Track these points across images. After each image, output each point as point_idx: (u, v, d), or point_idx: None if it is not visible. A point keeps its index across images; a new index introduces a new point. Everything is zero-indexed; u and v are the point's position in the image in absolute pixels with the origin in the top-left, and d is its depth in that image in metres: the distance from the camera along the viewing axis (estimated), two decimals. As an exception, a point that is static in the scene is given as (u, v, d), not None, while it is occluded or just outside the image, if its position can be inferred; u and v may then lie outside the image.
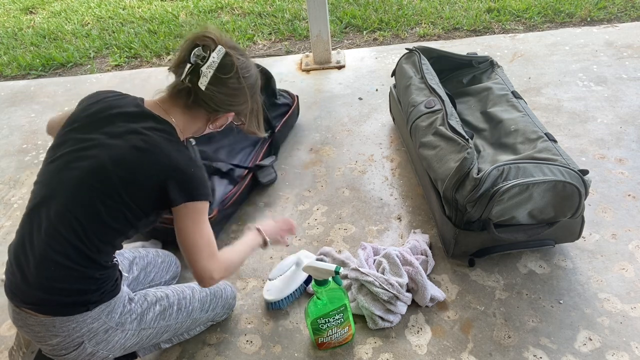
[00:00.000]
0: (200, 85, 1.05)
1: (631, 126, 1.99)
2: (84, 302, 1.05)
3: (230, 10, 3.43)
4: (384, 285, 1.35)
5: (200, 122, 1.17)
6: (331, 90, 2.44)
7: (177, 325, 1.25)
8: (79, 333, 1.07)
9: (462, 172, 1.34)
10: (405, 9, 3.12)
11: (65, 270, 1.03)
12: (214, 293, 1.33)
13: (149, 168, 1.04)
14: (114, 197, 1.03)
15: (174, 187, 1.05)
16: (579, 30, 2.70)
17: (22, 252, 1.04)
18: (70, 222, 1.02)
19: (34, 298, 1.04)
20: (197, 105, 1.11)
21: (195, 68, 1.05)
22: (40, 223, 1.03)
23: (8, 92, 2.79)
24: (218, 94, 1.09)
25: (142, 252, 1.40)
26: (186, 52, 1.06)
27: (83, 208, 1.02)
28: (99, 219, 1.03)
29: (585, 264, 1.48)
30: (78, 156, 1.05)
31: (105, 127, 1.07)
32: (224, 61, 1.06)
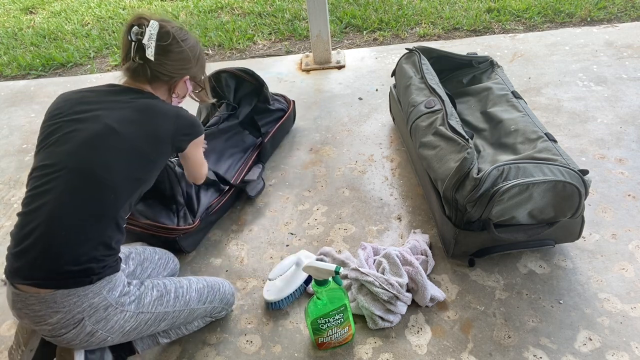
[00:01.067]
0: (149, 56, 1.18)
1: (631, 126, 1.99)
2: (87, 273, 1.07)
3: (230, 10, 3.43)
4: (384, 285, 1.35)
5: (165, 95, 1.30)
6: (331, 90, 2.44)
7: (174, 314, 1.24)
8: (80, 308, 1.07)
9: (462, 172, 1.34)
10: (405, 9, 3.12)
11: (75, 235, 1.06)
12: (211, 286, 1.34)
13: (159, 120, 1.19)
14: (132, 150, 1.14)
15: (181, 133, 1.23)
16: (579, 30, 2.70)
17: (26, 227, 1.06)
18: (84, 180, 1.08)
19: (37, 270, 1.05)
20: (155, 79, 1.25)
21: (139, 44, 1.18)
22: (47, 193, 1.06)
23: (8, 92, 2.79)
24: (167, 61, 1.23)
25: (139, 248, 1.41)
26: (127, 38, 1.20)
27: (96, 165, 1.09)
28: (115, 172, 1.11)
29: (585, 264, 1.48)
30: (78, 130, 1.12)
31: (96, 104, 1.17)
32: (161, 32, 1.20)
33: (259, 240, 1.68)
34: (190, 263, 1.63)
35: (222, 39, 3.05)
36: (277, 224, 1.74)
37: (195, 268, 1.61)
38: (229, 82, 1.98)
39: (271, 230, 1.72)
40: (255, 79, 1.97)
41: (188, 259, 1.65)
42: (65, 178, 1.07)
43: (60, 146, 1.11)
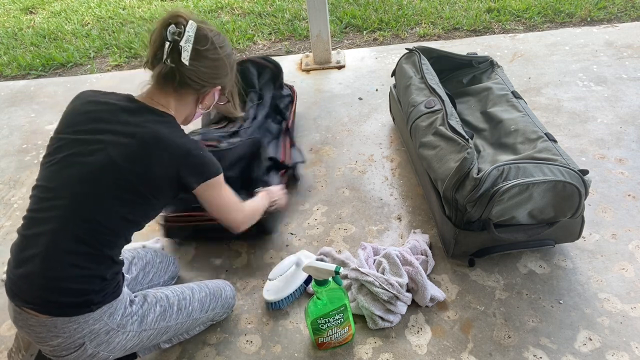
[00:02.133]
0: (184, 60, 1.07)
1: (631, 126, 1.99)
2: (87, 303, 1.05)
3: (230, 10, 3.43)
4: (384, 285, 1.35)
5: (190, 105, 1.20)
6: (331, 90, 2.44)
7: (177, 326, 1.25)
8: (81, 334, 1.07)
9: (462, 172, 1.34)
10: (405, 9, 3.12)
11: (72, 269, 1.03)
12: (213, 293, 1.33)
13: (163, 159, 1.07)
14: (129, 191, 1.06)
15: (188, 173, 1.11)
16: (579, 30, 2.70)
17: (26, 252, 1.05)
18: (81, 218, 1.03)
19: (36, 298, 1.04)
20: (185, 86, 1.14)
21: (174, 45, 1.07)
22: (47, 222, 1.03)
23: (8, 92, 2.79)
24: (201, 67, 1.12)
25: (141, 252, 1.41)
26: (160, 36, 1.08)
27: (94, 204, 1.04)
28: (113, 213, 1.06)
29: (585, 264, 1.48)
30: (82, 154, 1.06)
31: (106, 124, 1.08)
32: (199, 34, 1.09)
33: (259, 240, 1.68)
34: (191, 263, 1.63)
35: (222, 39, 3.05)
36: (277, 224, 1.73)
37: (196, 268, 1.61)
38: (252, 70, 1.98)
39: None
40: (274, 65, 1.99)
41: (188, 258, 1.65)
42: (63, 213, 1.04)
43: (62, 169, 1.07)
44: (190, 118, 1.25)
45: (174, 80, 1.11)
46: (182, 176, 1.10)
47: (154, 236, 1.74)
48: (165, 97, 1.15)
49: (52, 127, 2.44)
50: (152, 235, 1.75)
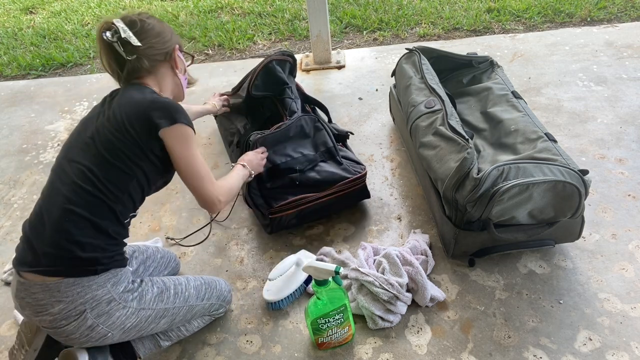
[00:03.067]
0: (136, 43, 1.20)
1: (631, 126, 1.99)
2: (93, 263, 1.10)
3: (230, 10, 3.43)
4: (384, 285, 1.35)
5: (169, 74, 1.31)
6: (331, 90, 2.44)
7: (174, 310, 1.25)
8: (83, 299, 1.09)
9: (462, 172, 1.34)
10: (405, 9, 3.12)
11: (82, 222, 1.10)
12: (208, 283, 1.35)
13: (133, 108, 1.18)
14: (115, 145, 1.15)
15: (157, 115, 1.17)
16: (579, 30, 2.70)
17: (39, 217, 1.13)
18: (85, 175, 1.13)
19: (45, 258, 1.08)
20: (154, 62, 1.26)
21: (121, 41, 1.20)
22: (61, 182, 1.14)
23: (8, 92, 2.79)
24: (151, 39, 1.24)
25: (141, 247, 1.44)
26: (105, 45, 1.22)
27: (95, 161, 1.14)
28: (110, 165, 1.14)
29: (585, 264, 1.48)
30: (81, 137, 1.20)
31: (98, 112, 1.23)
32: (127, 22, 1.22)
33: (259, 240, 1.68)
34: (191, 263, 1.63)
35: (222, 39, 3.05)
36: (277, 224, 1.73)
37: (196, 268, 1.61)
38: (277, 68, 1.94)
39: (271, 230, 1.71)
40: (291, 57, 1.98)
41: (188, 258, 1.65)
42: (68, 178, 1.14)
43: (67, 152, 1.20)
44: (181, 89, 1.36)
45: (143, 65, 1.23)
46: (151, 118, 1.17)
47: (154, 236, 1.75)
48: (143, 81, 1.27)
49: (52, 127, 2.44)
50: (152, 235, 1.75)
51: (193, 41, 3.10)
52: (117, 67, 1.24)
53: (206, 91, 2.54)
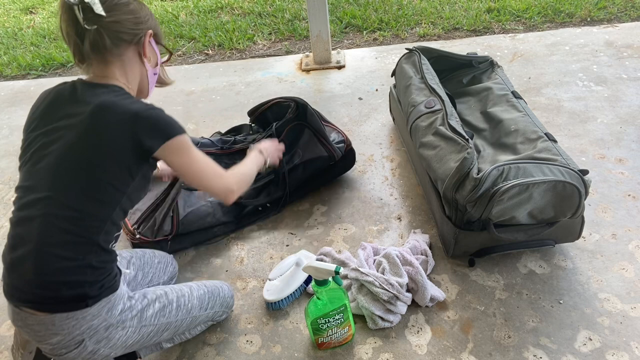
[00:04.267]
0: (99, 11, 1.02)
1: (631, 126, 1.99)
2: (83, 297, 1.04)
3: (230, 10, 3.43)
4: (384, 285, 1.35)
5: (135, 62, 1.15)
6: (331, 90, 2.44)
7: (177, 323, 1.24)
8: (79, 331, 1.06)
9: (462, 172, 1.34)
10: (405, 9, 3.12)
11: (62, 261, 1.02)
12: (211, 291, 1.33)
13: (113, 126, 1.03)
14: (93, 170, 1.03)
15: (145, 136, 1.04)
16: (579, 30, 2.70)
17: (16, 252, 1.04)
18: (59, 208, 1.02)
19: (32, 296, 1.04)
20: (118, 42, 1.08)
21: (82, 5, 1.01)
22: (31, 219, 1.03)
23: (8, 92, 2.79)
24: (121, 15, 1.07)
25: (138, 252, 1.41)
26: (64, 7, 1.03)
27: (66, 191, 1.02)
28: (84, 196, 1.03)
29: (585, 264, 1.48)
30: (46, 146, 1.06)
31: (59, 112, 1.08)
32: None
33: (259, 240, 1.68)
34: (191, 263, 1.63)
35: (222, 39, 3.05)
36: (277, 224, 1.73)
37: (196, 268, 1.61)
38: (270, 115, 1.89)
39: (271, 230, 1.72)
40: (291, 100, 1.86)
41: (188, 259, 1.65)
42: (42, 208, 1.03)
43: (34, 166, 1.07)
44: (146, 82, 1.20)
45: (104, 41, 1.06)
46: (140, 140, 1.04)
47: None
48: (107, 67, 1.11)
49: (52, 127, 2.44)
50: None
51: (193, 41, 3.10)
52: (76, 38, 1.05)
53: (206, 91, 2.54)
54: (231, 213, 1.69)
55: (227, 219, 1.69)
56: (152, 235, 1.58)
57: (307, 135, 1.76)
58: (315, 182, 1.83)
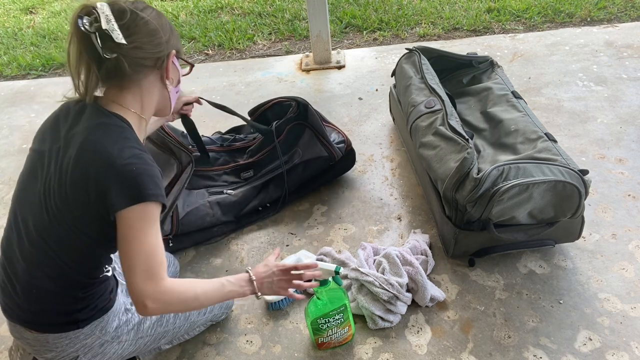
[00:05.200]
0: (119, 40, 0.92)
1: (631, 126, 1.99)
2: (74, 321, 1.04)
3: (230, 10, 3.43)
4: (384, 285, 1.35)
5: (157, 86, 1.05)
6: (331, 90, 2.44)
7: (175, 330, 1.24)
8: (73, 349, 1.06)
9: (462, 172, 1.34)
10: (405, 9, 3.12)
11: (49, 294, 1.01)
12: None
13: (85, 173, 0.93)
14: (62, 215, 0.96)
15: (114, 189, 0.91)
16: (579, 30, 2.70)
17: (8, 275, 1.03)
18: (40, 245, 0.98)
19: (24, 316, 1.04)
20: (139, 68, 0.99)
21: (100, 33, 0.92)
22: (19, 247, 1.01)
23: (8, 92, 2.79)
24: (142, 39, 0.97)
25: None
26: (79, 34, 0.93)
27: (44, 230, 0.97)
28: (59, 239, 0.97)
29: (585, 264, 1.48)
30: (32, 180, 1.01)
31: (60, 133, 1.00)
32: (114, 9, 0.94)
33: (259, 240, 1.68)
34: (191, 263, 1.63)
35: (222, 39, 3.05)
36: (277, 224, 1.73)
37: (196, 268, 1.61)
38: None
39: (271, 230, 1.71)
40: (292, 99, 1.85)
41: (188, 259, 1.65)
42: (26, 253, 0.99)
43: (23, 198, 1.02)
44: (167, 102, 1.09)
45: (124, 69, 0.96)
46: (107, 191, 0.91)
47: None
48: (121, 94, 1.00)
49: (52, 127, 2.44)
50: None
51: (193, 41, 3.10)
52: (92, 62, 0.95)
53: (206, 91, 2.54)
54: (231, 213, 1.69)
55: (227, 218, 1.69)
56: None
57: (307, 135, 1.76)
58: (315, 182, 1.83)
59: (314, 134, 1.76)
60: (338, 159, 1.79)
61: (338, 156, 1.78)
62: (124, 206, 0.90)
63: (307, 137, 1.77)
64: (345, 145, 1.82)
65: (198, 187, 1.70)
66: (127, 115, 1.01)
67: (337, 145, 1.81)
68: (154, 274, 0.92)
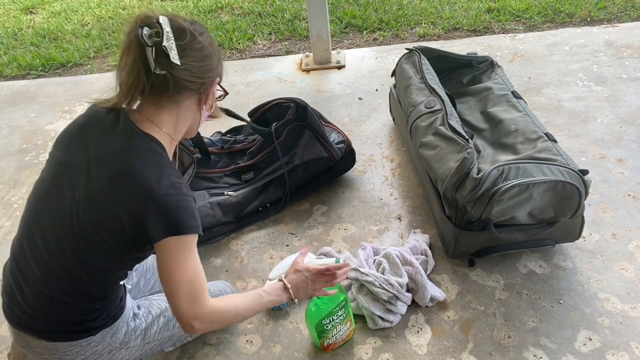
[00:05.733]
0: (174, 60, 0.92)
1: (631, 126, 1.99)
2: (87, 329, 1.04)
3: (230, 10, 3.43)
4: (384, 285, 1.35)
5: (193, 109, 1.04)
6: (331, 90, 2.44)
7: (180, 334, 1.25)
8: (83, 356, 1.06)
9: (462, 172, 1.34)
10: (405, 9, 3.12)
11: (62, 305, 1.01)
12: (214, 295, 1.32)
13: (122, 200, 0.93)
14: (90, 236, 0.96)
15: (152, 221, 0.92)
16: (579, 30, 2.70)
17: (18, 282, 1.02)
18: (58, 258, 0.98)
19: (33, 325, 1.03)
20: (182, 90, 0.98)
21: (158, 49, 0.91)
22: (33, 256, 0.99)
23: (8, 92, 2.79)
24: (193, 63, 0.96)
25: None
26: (135, 43, 0.92)
27: (65, 246, 0.97)
28: (82, 257, 0.97)
29: (585, 264, 1.48)
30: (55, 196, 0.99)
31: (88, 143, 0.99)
32: (175, 28, 0.94)
33: (259, 240, 1.68)
34: (190, 263, 1.63)
35: (222, 39, 3.05)
36: (277, 224, 1.73)
37: (195, 268, 1.61)
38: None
39: (271, 230, 1.71)
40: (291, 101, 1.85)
41: (188, 259, 1.64)
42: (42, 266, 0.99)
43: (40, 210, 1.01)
44: (196, 125, 1.10)
45: (168, 88, 0.96)
46: (146, 224, 0.92)
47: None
48: (158, 111, 1.00)
49: (52, 127, 2.44)
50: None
51: (193, 41, 3.11)
52: (140, 73, 0.94)
53: (206, 91, 2.54)
54: (231, 213, 1.69)
55: (227, 219, 1.69)
56: None
57: (307, 136, 1.76)
58: (316, 183, 1.83)
59: (314, 135, 1.76)
60: (338, 159, 1.79)
61: (338, 156, 1.78)
62: (163, 237, 0.93)
63: (307, 138, 1.77)
64: (345, 146, 1.82)
65: (199, 189, 1.70)
66: (159, 135, 1.00)
67: (337, 145, 1.81)
68: (197, 297, 0.98)
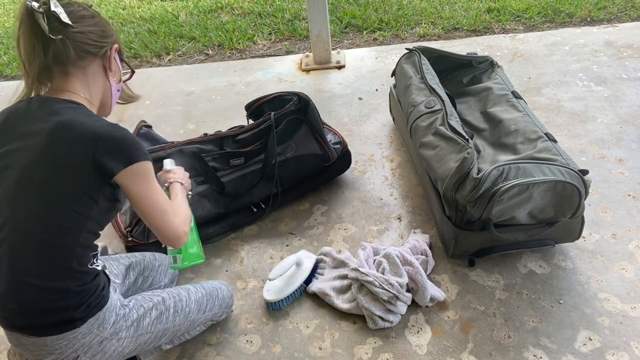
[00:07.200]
0: (65, 20, 0.98)
1: (631, 126, 1.99)
2: (70, 320, 1.03)
3: (230, 10, 3.43)
4: (384, 285, 1.35)
5: (99, 76, 1.10)
6: (331, 90, 2.44)
7: (175, 328, 1.24)
8: (72, 349, 1.06)
9: (462, 172, 1.34)
10: (405, 9, 3.12)
11: (39, 291, 0.99)
12: (209, 293, 1.32)
13: (72, 147, 0.97)
14: (51, 194, 0.98)
15: (106, 158, 0.97)
16: (579, 30, 2.70)
17: None
18: (23, 237, 0.98)
19: (18, 323, 1.03)
20: (83, 54, 1.04)
21: (47, 14, 0.97)
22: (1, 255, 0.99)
23: (8, 92, 2.79)
24: (87, 27, 1.03)
25: (138, 256, 1.38)
26: (27, 17, 0.99)
27: (28, 218, 0.98)
28: (48, 222, 0.98)
29: (585, 264, 1.48)
30: (3, 171, 1.01)
31: (14, 131, 1.03)
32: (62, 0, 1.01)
33: (259, 240, 1.68)
34: (190, 263, 1.63)
35: (222, 39, 3.05)
36: (277, 224, 1.74)
37: (195, 268, 1.61)
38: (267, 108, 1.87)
39: (271, 230, 1.72)
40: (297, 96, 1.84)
41: (188, 259, 1.65)
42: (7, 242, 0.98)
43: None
44: (109, 96, 1.15)
45: (69, 52, 1.01)
46: (100, 162, 0.97)
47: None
48: (68, 80, 1.05)
49: (52, 127, 2.43)
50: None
51: (193, 41, 3.11)
52: (39, 48, 1.00)
53: (206, 91, 2.54)
54: (221, 203, 1.66)
55: (217, 209, 1.65)
56: (144, 238, 1.57)
57: (304, 130, 1.75)
58: (311, 183, 1.82)
59: (311, 131, 1.75)
60: (334, 159, 1.78)
61: (333, 157, 1.78)
62: (122, 168, 0.99)
63: (303, 132, 1.76)
64: (341, 147, 1.82)
65: None
66: (78, 99, 1.06)
67: (333, 146, 1.80)
68: (176, 210, 1.12)
